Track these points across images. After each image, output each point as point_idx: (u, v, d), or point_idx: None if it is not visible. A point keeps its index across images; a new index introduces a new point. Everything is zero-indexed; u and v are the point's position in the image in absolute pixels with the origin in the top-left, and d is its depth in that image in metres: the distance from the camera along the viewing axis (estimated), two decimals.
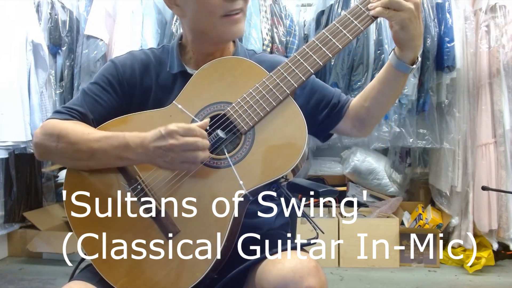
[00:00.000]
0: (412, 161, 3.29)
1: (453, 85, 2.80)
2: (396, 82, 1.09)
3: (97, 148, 0.97)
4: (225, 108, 1.00)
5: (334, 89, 1.22)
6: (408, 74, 1.07)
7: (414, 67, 1.05)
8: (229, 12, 1.05)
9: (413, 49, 1.02)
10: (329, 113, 1.18)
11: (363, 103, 1.15)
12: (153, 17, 2.87)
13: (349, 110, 1.18)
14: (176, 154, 0.91)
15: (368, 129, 1.20)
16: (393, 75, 1.08)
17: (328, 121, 1.19)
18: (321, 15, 2.83)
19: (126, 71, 1.12)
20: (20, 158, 3.19)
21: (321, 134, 1.24)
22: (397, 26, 0.99)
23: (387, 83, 1.09)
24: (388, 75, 1.09)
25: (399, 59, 1.05)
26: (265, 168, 0.95)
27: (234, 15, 1.05)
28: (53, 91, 2.91)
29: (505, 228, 2.74)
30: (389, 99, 1.13)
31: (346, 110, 1.18)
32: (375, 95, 1.12)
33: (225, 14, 1.05)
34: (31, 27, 2.71)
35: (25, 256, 3.08)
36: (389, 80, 1.09)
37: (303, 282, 0.83)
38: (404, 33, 0.99)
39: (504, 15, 2.75)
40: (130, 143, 0.95)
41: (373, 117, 1.16)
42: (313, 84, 1.19)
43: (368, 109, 1.14)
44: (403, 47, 1.03)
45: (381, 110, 1.15)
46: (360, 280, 2.67)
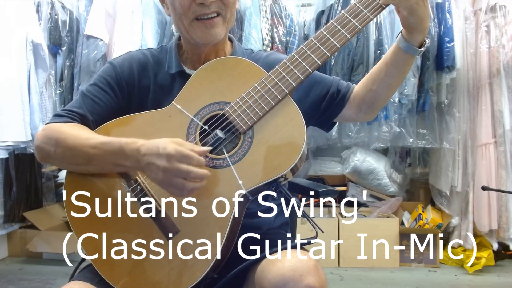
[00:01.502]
0: (412, 161, 3.29)
1: (453, 85, 2.80)
2: (405, 64, 1.08)
3: (94, 155, 0.97)
4: (224, 108, 1.00)
5: (332, 77, 1.22)
6: (414, 57, 1.08)
7: (422, 49, 1.05)
8: (200, 15, 1.05)
9: (422, 31, 1.03)
10: (330, 102, 1.18)
11: (371, 86, 1.14)
12: (153, 17, 2.87)
13: (353, 95, 1.18)
14: (165, 177, 0.90)
15: (375, 111, 1.20)
16: (402, 58, 1.07)
17: (330, 111, 1.19)
18: (321, 15, 2.84)
19: (124, 72, 1.13)
20: (20, 158, 3.19)
21: (324, 124, 1.23)
22: (405, 12, 0.99)
23: (395, 66, 1.09)
24: (396, 57, 1.08)
25: (407, 42, 1.04)
26: (264, 168, 0.95)
27: (207, 19, 1.05)
28: (53, 91, 2.91)
29: (505, 228, 2.74)
30: (398, 80, 1.12)
31: (349, 97, 1.18)
32: (383, 77, 1.12)
33: (196, 18, 1.05)
34: (31, 27, 2.71)
35: (25, 256, 3.08)
36: (398, 62, 1.08)
37: (302, 280, 0.83)
38: (413, 17, 0.99)
39: (504, 15, 2.75)
40: (126, 150, 0.94)
41: (382, 98, 1.16)
42: (312, 76, 1.16)
43: (376, 91, 1.14)
44: (413, 30, 1.02)
45: (390, 91, 1.15)
46: (360, 280, 2.67)
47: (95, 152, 0.97)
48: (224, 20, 1.08)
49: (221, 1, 1.05)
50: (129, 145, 0.94)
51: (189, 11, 1.04)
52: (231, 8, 1.08)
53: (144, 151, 0.92)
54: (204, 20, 1.05)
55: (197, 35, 1.07)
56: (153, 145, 0.92)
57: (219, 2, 1.05)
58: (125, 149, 0.95)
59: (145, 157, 0.92)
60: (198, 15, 1.05)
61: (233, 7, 1.09)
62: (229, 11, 1.08)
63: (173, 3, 1.06)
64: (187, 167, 0.89)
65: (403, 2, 0.97)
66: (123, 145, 0.95)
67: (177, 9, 1.05)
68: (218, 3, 1.05)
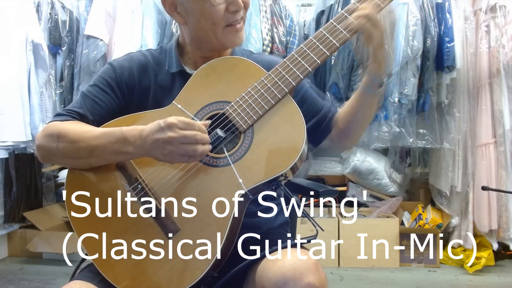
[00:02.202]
0: (412, 161, 3.29)
1: (453, 85, 2.80)
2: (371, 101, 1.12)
3: (96, 145, 0.98)
4: (224, 107, 1.00)
5: (325, 101, 1.22)
6: (376, 96, 1.11)
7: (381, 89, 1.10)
8: (231, 22, 1.07)
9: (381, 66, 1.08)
10: (316, 126, 1.19)
11: (344, 118, 1.17)
12: (153, 17, 2.87)
13: (335, 121, 1.19)
14: (174, 147, 0.91)
15: (350, 142, 1.23)
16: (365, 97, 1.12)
17: (314, 135, 1.19)
18: (321, 15, 2.84)
19: (124, 73, 1.13)
20: (20, 158, 3.20)
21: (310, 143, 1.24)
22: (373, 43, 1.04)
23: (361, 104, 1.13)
24: (359, 97, 1.13)
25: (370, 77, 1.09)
26: (264, 167, 0.95)
27: (236, 25, 1.08)
28: (53, 91, 2.91)
29: (505, 228, 2.74)
30: (367, 117, 1.16)
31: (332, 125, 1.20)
32: (352, 113, 1.15)
33: (227, 24, 1.07)
34: (31, 27, 2.72)
35: (25, 256, 3.08)
36: (362, 101, 1.13)
37: (303, 279, 0.83)
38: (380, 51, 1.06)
39: (504, 15, 2.75)
40: (128, 136, 0.95)
41: (354, 132, 1.19)
42: (306, 94, 1.18)
43: (348, 125, 1.17)
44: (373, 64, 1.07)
45: (361, 126, 1.18)
46: (360, 280, 2.67)
47: (97, 143, 0.98)
48: (244, 22, 1.12)
49: (244, 6, 1.08)
50: (131, 131, 0.96)
51: (222, 20, 1.06)
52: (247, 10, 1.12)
53: (146, 133, 0.93)
54: (234, 26, 1.08)
55: (228, 40, 1.09)
56: (153, 124, 0.93)
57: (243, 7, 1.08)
58: (127, 135, 0.96)
59: (149, 137, 0.93)
60: (230, 22, 1.07)
61: None
62: (246, 14, 1.11)
63: (202, 13, 1.06)
64: (192, 131, 0.91)
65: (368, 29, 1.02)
66: (124, 132, 0.96)
67: (208, 19, 1.06)
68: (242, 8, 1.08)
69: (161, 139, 0.91)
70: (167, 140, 0.91)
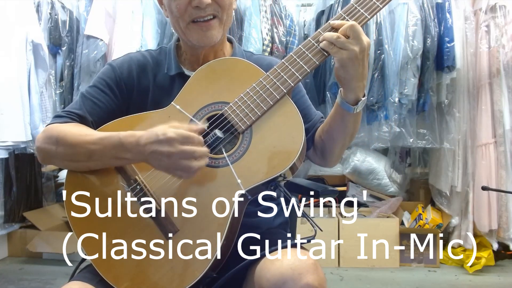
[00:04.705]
0: (412, 161, 3.29)
1: (453, 85, 2.80)
2: (343, 119, 1.05)
3: (94, 150, 0.98)
4: (223, 108, 1.00)
5: (316, 112, 1.19)
6: (353, 113, 1.03)
7: (356, 107, 1.01)
8: (196, 18, 1.05)
9: (353, 90, 1.00)
10: None
11: (321, 134, 1.12)
12: (153, 17, 2.87)
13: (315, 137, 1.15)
14: (171, 161, 0.90)
15: (328, 161, 1.15)
16: (339, 113, 1.05)
17: None
18: (321, 15, 2.84)
19: (124, 73, 1.13)
20: (20, 158, 3.20)
21: None
22: (337, 63, 0.98)
23: (334, 118, 1.07)
24: (335, 112, 1.06)
25: (342, 98, 1.03)
26: (263, 167, 0.95)
27: (203, 22, 1.06)
28: (53, 91, 2.91)
29: (505, 228, 2.74)
30: (340, 136, 1.08)
31: None
32: (327, 129, 1.10)
33: (193, 21, 1.05)
34: (31, 27, 2.72)
35: (25, 256, 3.08)
36: (336, 117, 1.06)
37: (301, 279, 0.83)
38: (343, 71, 0.98)
39: (504, 15, 2.75)
40: (125, 143, 0.95)
41: (330, 150, 1.12)
42: (299, 102, 1.13)
43: (324, 141, 1.12)
44: (342, 85, 1.01)
45: (335, 145, 1.10)
46: (360, 280, 2.68)
47: (95, 148, 0.97)
48: (221, 22, 1.08)
49: (217, 3, 1.06)
50: (128, 138, 0.95)
51: (186, 14, 1.05)
52: (227, 10, 1.08)
53: (144, 142, 0.92)
54: (200, 23, 1.06)
55: (194, 37, 1.08)
56: (151, 134, 0.92)
57: (215, 4, 1.05)
58: (124, 142, 0.95)
59: (147, 146, 0.92)
60: (194, 18, 1.05)
61: (230, 9, 1.10)
62: (225, 13, 1.08)
63: (169, 6, 1.07)
64: (190, 147, 0.90)
65: (337, 54, 0.96)
66: (121, 138, 0.95)
67: (174, 12, 1.06)
68: (214, 5, 1.05)
69: (158, 152, 0.91)
70: (165, 154, 0.90)
